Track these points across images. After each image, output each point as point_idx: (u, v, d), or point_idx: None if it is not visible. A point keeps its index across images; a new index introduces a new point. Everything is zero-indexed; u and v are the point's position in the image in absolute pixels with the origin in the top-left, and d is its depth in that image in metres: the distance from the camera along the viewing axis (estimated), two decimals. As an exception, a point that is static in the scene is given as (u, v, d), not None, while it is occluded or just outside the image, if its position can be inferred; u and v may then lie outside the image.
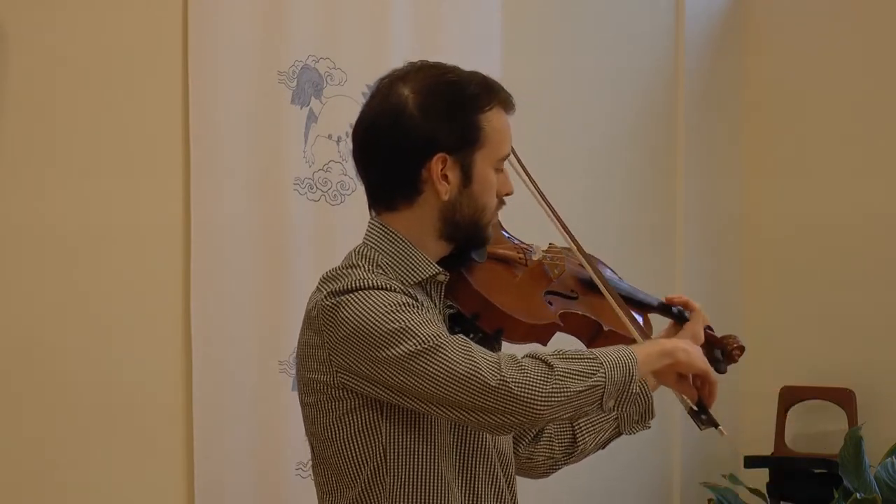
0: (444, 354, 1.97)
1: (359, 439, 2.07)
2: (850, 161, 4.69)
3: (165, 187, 3.38)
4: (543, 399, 1.96)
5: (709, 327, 2.38)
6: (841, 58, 4.72)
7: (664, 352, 2.10)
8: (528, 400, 1.96)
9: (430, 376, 1.97)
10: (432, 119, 2.08)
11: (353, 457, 2.08)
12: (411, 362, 1.98)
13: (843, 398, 4.56)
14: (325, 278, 2.09)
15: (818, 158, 4.77)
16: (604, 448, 2.36)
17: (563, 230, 2.24)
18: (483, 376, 1.96)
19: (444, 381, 1.97)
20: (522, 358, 2.01)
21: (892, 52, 4.61)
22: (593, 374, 1.99)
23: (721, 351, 2.40)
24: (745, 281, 4.88)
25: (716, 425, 2.12)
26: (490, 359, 1.98)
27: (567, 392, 1.97)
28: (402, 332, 1.99)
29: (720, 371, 2.42)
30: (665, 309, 2.41)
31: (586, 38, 4.47)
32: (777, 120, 4.88)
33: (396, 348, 1.98)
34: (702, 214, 4.79)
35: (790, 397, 4.60)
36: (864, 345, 4.62)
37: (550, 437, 2.34)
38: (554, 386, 1.97)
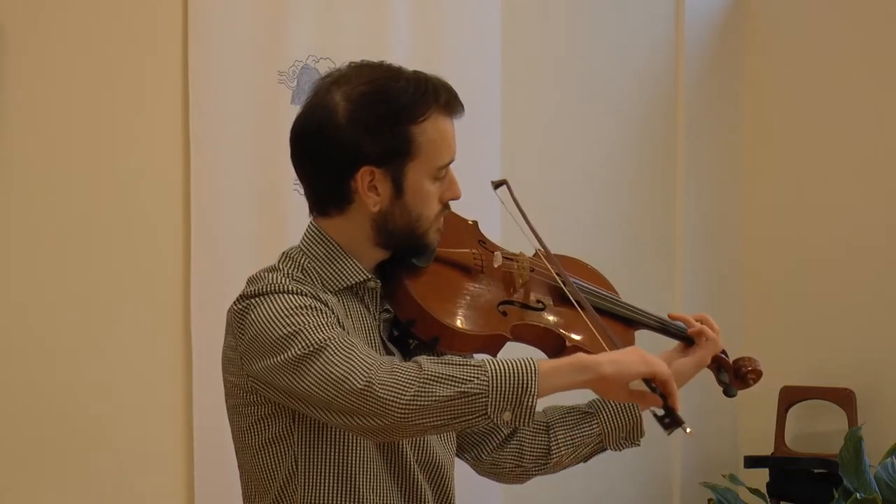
0: (325, 357, 1.91)
1: (271, 447, 2.05)
2: (850, 161, 4.68)
3: (165, 187, 3.39)
4: (405, 403, 1.86)
5: (723, 352, 2.29)
6: (841, 58, 4.72)
7: (579, 365, 1.91)
8: (390, 403, 1.86)
9: (310, 378, 1.91)
10: (359, 131, 2.02)
11: (265, 465, 2.06)
12: (298, 365, 1.93)
13: (843, 398, 4.55)
14: (247, 280, 2.07)
15: (818, 159, 4.76)
16: (586, 461, 2.29)
17: (536, 237, 2.17)
18: (353, 378, 1.88)
19: (321, 383, 1.90)
20: (403, 362, 1.93)
21: (893, 52, 4.61)
22: (469, 380, 1.86)
23: (732, 374, 2.30)
24: (745, 281, 4.88)
25: (680, 424, 1.92)
26: (367, 361, 1.91)
27: (432, 397, 1.85)
28: (293, 336, 1.94)
29: (729, 395, 2.33)
30: (663, 329, 2.30)
31: (586, 38, 4.47)
32: (777, 120, 4.87)
33: (287, 352, 1.94)
34: (702, 214, 4.78)
35: (790, 397, 4.60)
36: (864, 345, 4.61)
37: (521, 444, 2.26)
38: (418, 389, 1.86)
